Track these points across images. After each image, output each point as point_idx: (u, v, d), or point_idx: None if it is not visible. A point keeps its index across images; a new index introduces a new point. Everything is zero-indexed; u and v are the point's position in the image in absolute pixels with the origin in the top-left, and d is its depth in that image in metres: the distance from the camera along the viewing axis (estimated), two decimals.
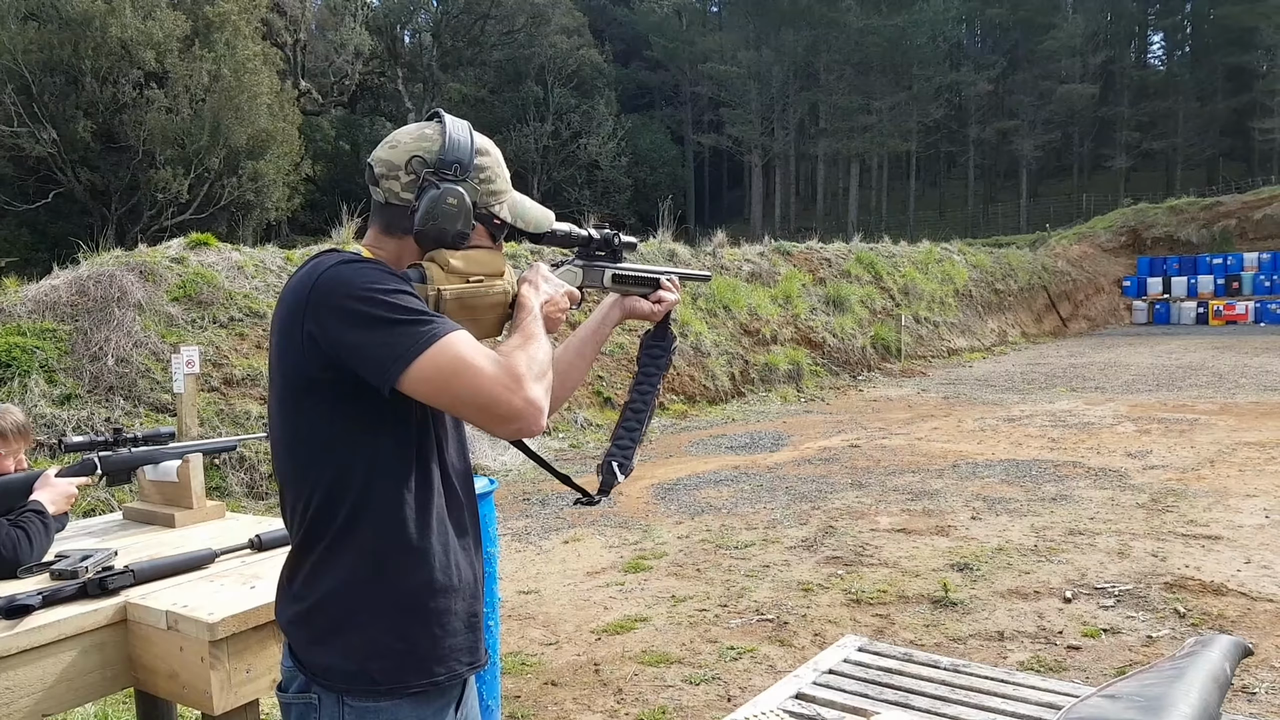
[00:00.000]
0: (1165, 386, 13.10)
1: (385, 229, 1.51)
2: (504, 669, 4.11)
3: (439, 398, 1.35)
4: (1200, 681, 1.67)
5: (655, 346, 1.84)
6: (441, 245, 1.47)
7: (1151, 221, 29.25)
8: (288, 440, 1.45)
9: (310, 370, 1.37)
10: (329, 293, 1.34)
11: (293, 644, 1.47)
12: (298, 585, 1.46)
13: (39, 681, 1.97)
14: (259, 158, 24.20)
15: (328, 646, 1.42)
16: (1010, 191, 52.83)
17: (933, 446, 9.22)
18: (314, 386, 1.38)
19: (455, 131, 1.50)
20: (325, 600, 1.42)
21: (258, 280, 9.38)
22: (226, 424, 7.65)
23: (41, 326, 7.65)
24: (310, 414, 1.41)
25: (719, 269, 15.21)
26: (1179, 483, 7.22)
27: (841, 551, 5.81)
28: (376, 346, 1.32)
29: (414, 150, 1.48)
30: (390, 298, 1.33)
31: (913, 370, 16.21)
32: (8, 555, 2.26)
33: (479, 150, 1.52)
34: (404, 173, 1.47)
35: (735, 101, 51.31)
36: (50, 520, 2.44)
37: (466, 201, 1.47)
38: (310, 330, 1.35)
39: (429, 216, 1.45)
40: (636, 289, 1.79)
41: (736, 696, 3.82)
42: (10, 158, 22.01)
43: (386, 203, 1.49)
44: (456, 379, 1.33)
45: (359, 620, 1.41)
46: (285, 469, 1.47)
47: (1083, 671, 3.93)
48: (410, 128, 1.52)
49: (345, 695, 1.40)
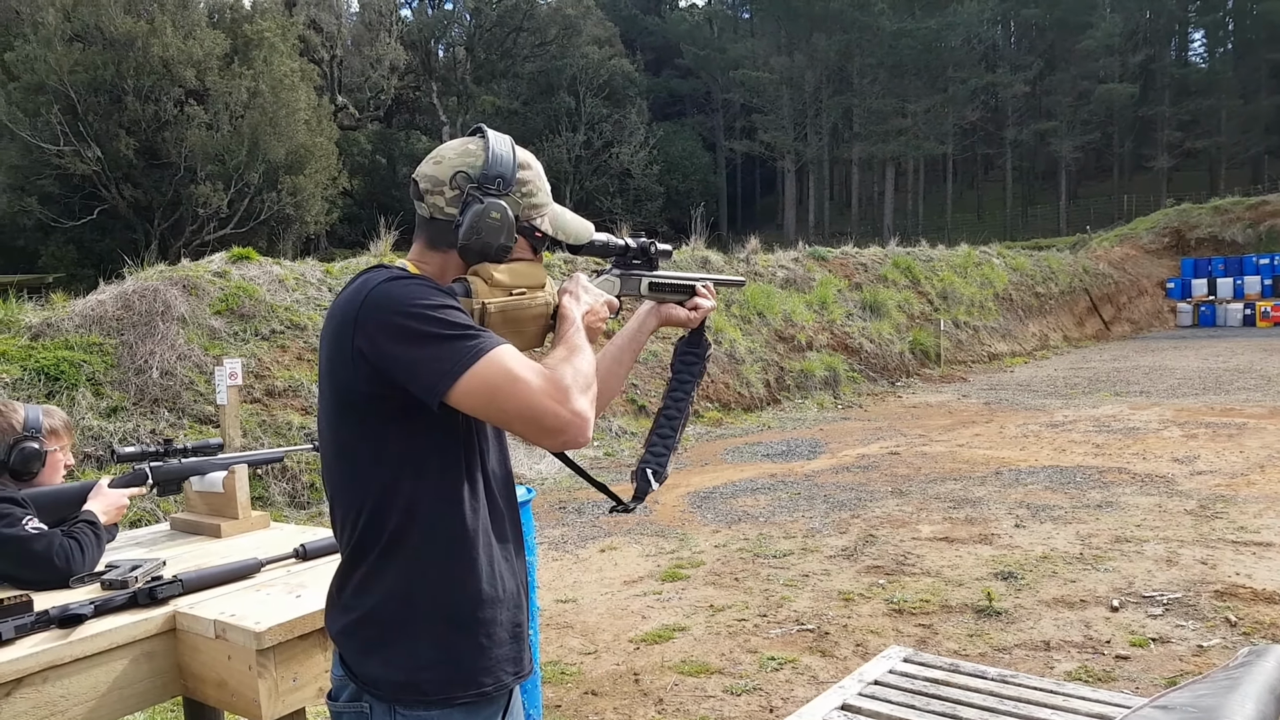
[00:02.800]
0: (1212, 390, 12.84)
1: (430, 244, 1.53)
2: (544, 678, 4.11)
3: (487, 410, 1.36)
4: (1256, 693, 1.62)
5: (690, 353, 1.84)
6: (485, 259, 1.49)
7: (1195, 222, 28.73)
8: (337, 454, 1.47)
9: (360, 385, 1.39)
10: (378, 309, 1.36)
11: (343, 654, 1.48)
12: (347, 596, 1.48)
13: (92, 690, 2.00)
14: (297, 172, 24.57)
15: (377, 657, 1.44)
16: (1049, 193, 52.19)
17: (974, 453, 9.11)
18: (363, 401, 1.41)
19: (498, 146, 1.52)
20: (374, 611, 1.44)
21: (298, 293, 9.50)
22: (269, 435, 7.75)
23: (88, 340, 7.80)
24: (360, 428, 1.43)
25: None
26: (1228, 489, 7.07)
27: (882, 560, 5.75)
28: (426, 362, 1.34)
29: (458, 165, 1.50)
30: (438, 313, 1.35)
31: (952, 376, 16.04)
32: (60, 565, 2.30)
33: (521, 164, 1.54)
34: (449, 188, 1.49)
35: (767, 107, 51.22)
36: (102, 530, 2.48)
37: (509, 216, 1.49)
38: (360, 346, 1.37)
39: (473, 231, 1.47)
40: (672, 296, 1.79)
41: (779, 707, 3.80)
42: (57, 176, 22.53)
43: (431, 218, 1.51)
44: (504, 392, 1.34)
45: (408, 631, 1.43)
46: (335, 481, 1.49)
47: (1132, 682, 3.86)
48: (454, 143, 1.54)
49: (396, 705, 1.42)
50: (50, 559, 2.30)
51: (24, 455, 2.49)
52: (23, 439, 2.51)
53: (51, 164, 22.21)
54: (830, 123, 52.44)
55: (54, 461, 2.59)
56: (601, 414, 1.60)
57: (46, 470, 2.56)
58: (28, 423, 2.53)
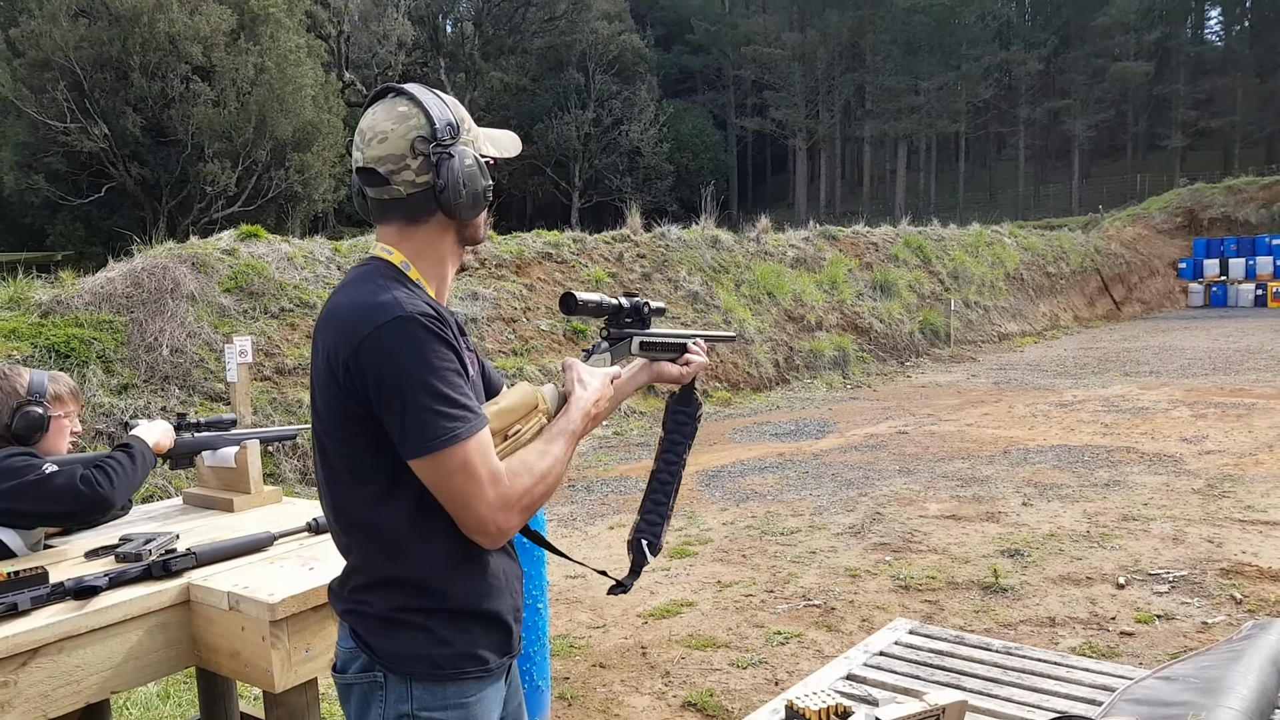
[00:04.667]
0: (1222, 370, 12.80)
1: (409, 220, 1.50)
2: (553, 651, 4.15)
3: (434, 488, 1.39)
4: (1258, 665, 1.64)
5: (682, 412, 1.81)
6: (475, 210, 1.50)
7: (1208, 201, 28.50)
8: (336, 455, 1.46)
9: (354, 406, 1.40)
10: (381, 352, 1.36)
11: (357, 630, 1.50)
12: (352, 594, 1.50)
13: (107, 660, 2.03)
14: (305, 150, 24.53)
15: (393, 636, 1.47)
16: (1062, 173, 51.85)
17: (983, 433, 9.12)
18: (358, 415, 1.40)
19: (426, 98, 1.49)
20: (385, 612, 1.46)
21: (307, 271, 9.52)
22: (279, 412, 7.79)
23: (99, 318, 7.84)
24: (358, 432, 1.42)
25: (763, 255, 15.13)
26: (1236, 468, 7.07)
27: (889, 538, 5.78)
28: (406, 424, 1.36)
29: (408, 133, 1.47)
30: (433, 380, 1.35)
31: (962, 356, 16.01)
32: (87, 493, 2.31)
33: (450, 104, 1.53)
34: (412, 158, 1.46)
35: (779, 84, 50.90)
36: (141, 455, 2.49)
37: (475, 155, 1.50)
38: (354, 371, 1.37)
39: (459, 184, 1.46)
40: (664, 355, 1.78)
41: (784, 680, 3.83)
42: (64, 153, 22.53)
43: (408, 195, 1.48)
44: (453, 485, 1.37)
45: (421, 619, 1.46)
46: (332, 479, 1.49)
47: (1136, 657, 3.88)
48: (381, 116, 1.49)
49: (411, 678, 1.46)
50: (74, 489, 2.31)
51: (27, 420, 2.46)
52: (26, 403, 2.47)
53: (58, 141, 22.20)
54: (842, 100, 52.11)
55: (59, 428, 2.56)
56: None
57: (51, 436, 2.53)
58: (32, 387, 2.50)
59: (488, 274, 11.07)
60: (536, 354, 10.26)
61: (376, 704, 1.47)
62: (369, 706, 1.48)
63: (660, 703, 3.72)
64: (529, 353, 10.24)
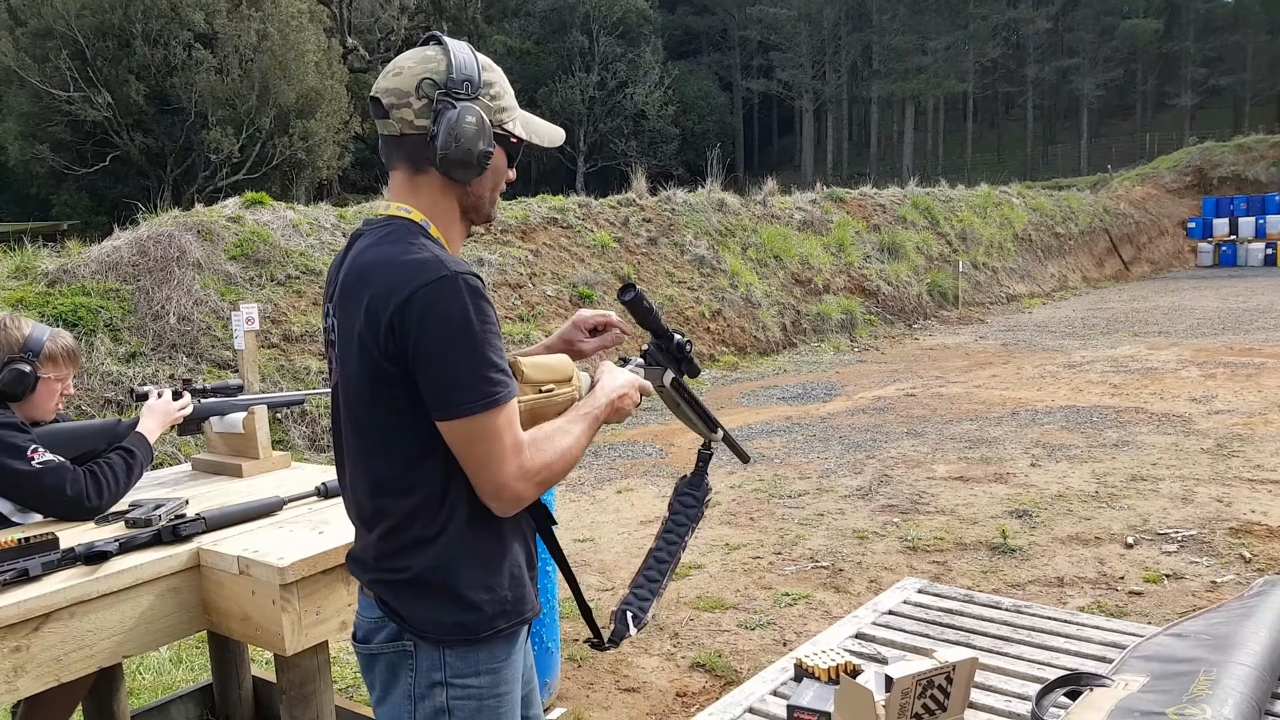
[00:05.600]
0: (1231, 330, 12.73)
1: (413, 167, 1.47)
2: (562, 613, 4.18)
3: (458, 451, 1.39)
4: (1270, 621, 1.63)
5: (690, 495, 1.78)
6: (467, 170, 1.45)
7: (1218, 160, 28.19)
8: (369, 421, 1.43)
9: (390, 366, 1.37)
10: (429, 311, 1.34)
11: (385, 599, 1.48)
12: (381, 562, 1.48)
13: (118, 625, 2.04)
14: (309, 116, 24.37)
15: (424, 604, 1.46)
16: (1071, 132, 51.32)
17: (991, 394, 9.10)
18: (396, 378, 1.38)
19: (459, 50, 1.45)
20: (417, 577, 1.45)
21: (312, 238, 9.49)
22: (287, 379, 7.80)
23: (105, 287, 7.84)
24: (390, 398, 1.40)
25: (770, 218, 15.04)
26: (1245, 428, 7.05)
27: (897, 500, 5.78)
28: (444, 384, 1.35)
29: (421, 74, 1.43)
30: (479, 343, 1.35)
31: (970, 317, 15.95)
32: (74, 499, 2.29)
33: (484, 67, 1.48)
34: (415, 98, 1.42)
35: (785, 45, 50.33)
36: (138, 459, 2.46)
37: (485, 120, 1.44)
38: (396, 328, 1.34)
39: (451, 138, 1.41)
40: (687, 407, 1.76)
41: (792, 641, 3.85)
42: (67, 123, 22.43)
43: (402, 135, 1.44)
44: (479, 450, 1.37)
45: (449, 585, 1.45)
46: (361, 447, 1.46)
47: (1145, 616, 3.88)
48: (411, 53, 1.47)
49: (444, 645, 1.45)
50: (60, 494, 2.28)
51: (12, 375, 2.37)
52: (17, 358, 2.39)
53: (62, 110, 22.10)
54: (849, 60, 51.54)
55: (48, 390, 2.46)
56: None
57: (39, 398, 2.44)
58: (29, 343, 2.42)
59: (493, 239, 11.03)
60: (543, 320, 10.24)
61: (406, 673, 1.47)
62: (397, 676, 1.47)
63: (669, 664, 3.75)
64: (535, 319, 10.22)
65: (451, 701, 1.45)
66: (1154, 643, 1.71)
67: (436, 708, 1.45)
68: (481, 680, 1.47)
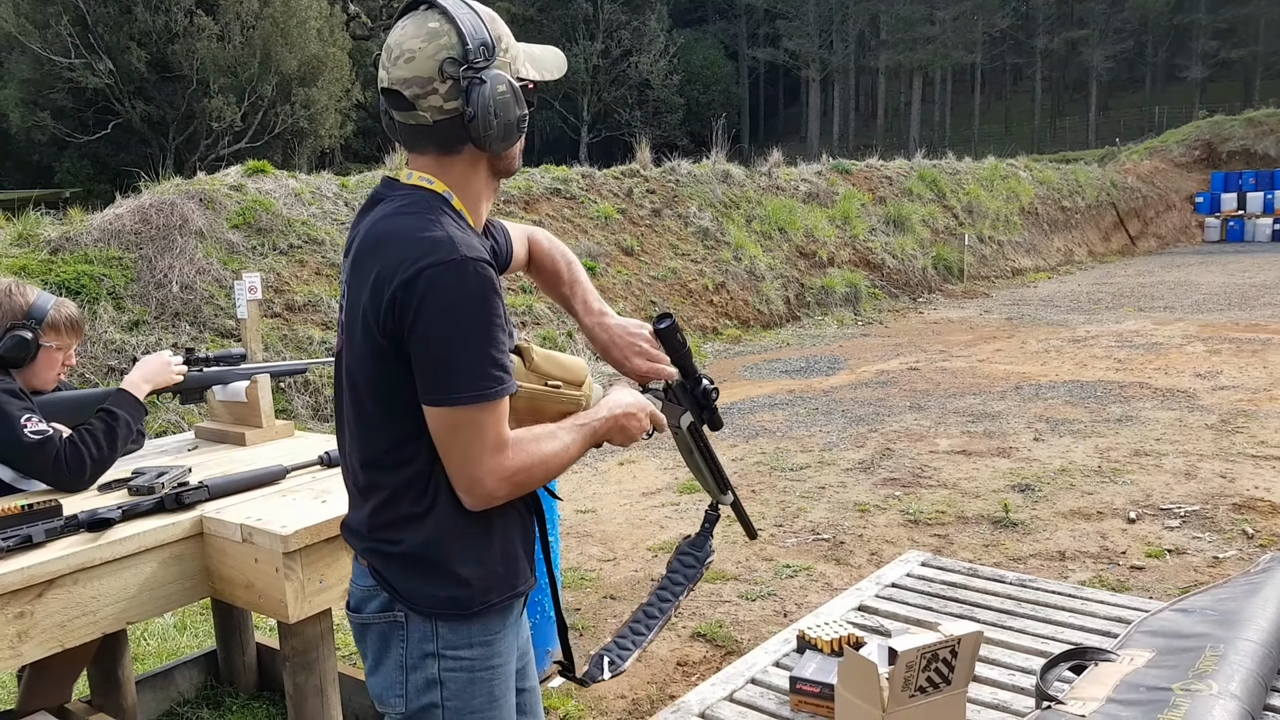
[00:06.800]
0: (1237, 306, 12.67)
1: (444, 149, 1.42)
2: (565, 583, 4.20)
3: (438, 440, 1.36)
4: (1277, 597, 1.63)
5: (691, 555, 1.72)
6: (508, 140, 1.41)
7: (1227, 134, 27.93)
8: (367, 392, 1.41)
9: (390, 342, 1.35)
10: (433, 293, 1.30)
11: (378, 569, 1.48)
12: (375, 533, 1.47)
13: (122, 591, 2.05)
14: (310, 84, 24.20)
15: (418, 576, 1.45)
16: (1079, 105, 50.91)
17: (994, 368, 9.08)
18: (390, 352, 1.36)
19: (460, 13, 1.37)
20: (410, 550, 1.44)
21: (314, 207, 9.45)
22: (290, 348, 7.80)
23: (108, 255, 7.81)
24: (388, 373, 1.38)
25: (774, 190, 14.95)
26: (1250, 404, 7.03)
27: (899, 473, 5.78)
28: (437, 368, 1.32)
29: (438, 55, 1.35)
30: (481, 336, 1.32)
31: (975, 291, 15.89)
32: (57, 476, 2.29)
33: (488, 20, 1.40)
34: (440, 82, 1.36)
35: (791, 13, 49.85)
36: (119, 419, 2.41)
37: (513, 81, 1.39)
38: (399, 303, 1.31)
39: (490, 114, 1.36)
40: (700, 459, 1.68)
41: (793, 612, 3.86)
42: (69, 90, 22.29)
43: (435, 123, 1.38)
44: (459, 442, 1.35)
45: (441, 559, 1.43)
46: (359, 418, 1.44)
47: (1146, 591, 3.89)
48: (410, 32, 1.38)
49: (437, 619, 1.45)
50: (48, 467, 2.27)
51: (13, 341, 2.35)
52: (19, 325, 2.38)
53: (63, 77, 21.95)
54: (857, 30, 51.03)
55: (49, 359, 2.45)
56: None
57: (39, 367, 2.43)
58: (33, 310, 2.41)
59: (495, 210, 10.97)
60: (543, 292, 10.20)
61: (398, 643, 1.46)
62: (389, 646, 1.47)
63: (669, 633, 3.76)
64: (536, 290, 10.15)
65: (444, 673, 1.45)
66: (1159, 618, 1.70)
67: (429, 679, 1.45)
68: (475, 652, 1.46)
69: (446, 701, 1.45)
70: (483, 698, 1.48)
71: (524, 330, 9.47)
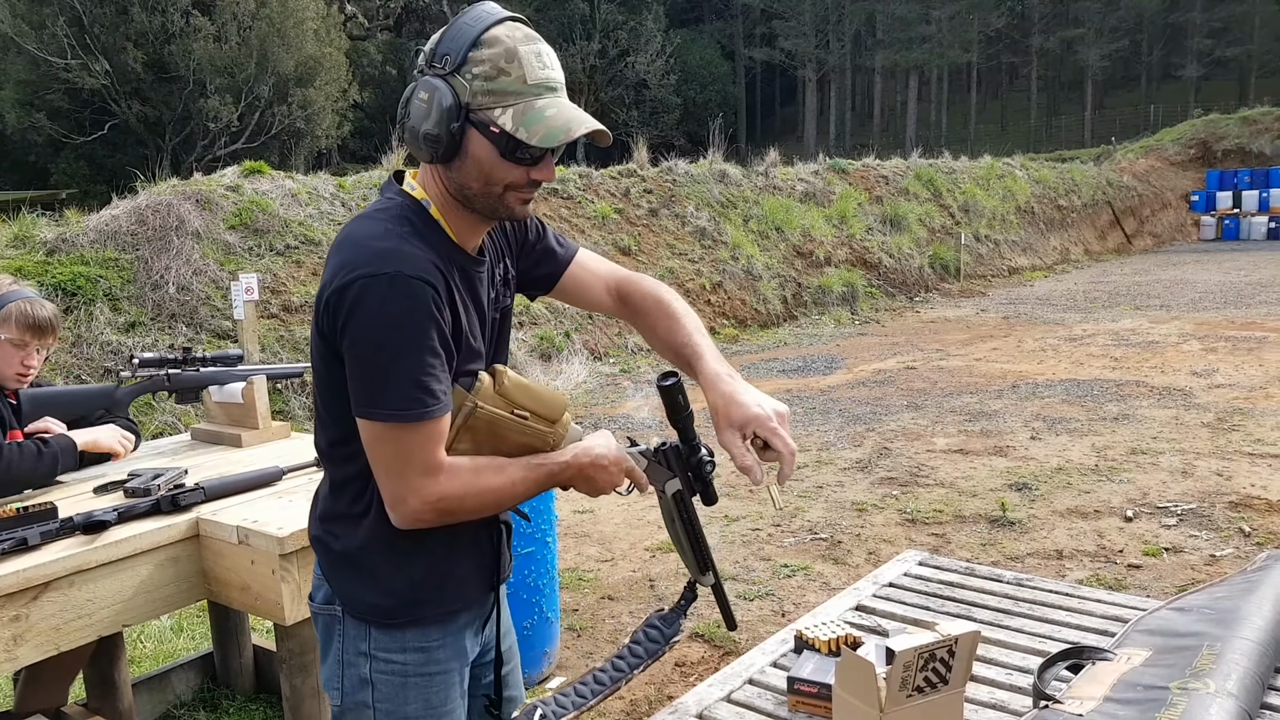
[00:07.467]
0: (1233, 304, 12.69)
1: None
2: (562, 584, 4.19)
3: (367, 446, 1.33)
4: (1274, 596, 1.63)
5: (657, 629, 1.57)
6: (418, 150, 1.34)
7: (1223, 133, 28.00)
8: (323, 382, 1.40)
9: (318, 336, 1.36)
10: (361, 304, 1.26)
11: (320, 560, 1.49)
12: (319, 523, 1.49)
13: (118, 593, 2.04)
14: (307, 85, 24.19)
15: (344, 577, 1.45)
16: (1075, 104, 50.93)
17: (991, 367, 9.08)
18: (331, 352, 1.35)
19: (462, 19, 1.31)
20: (344, 550, 1.44)
21: (311, 208, 9.44)
22: (287, 349, 7.79)
23: (104, 256, 7.80)
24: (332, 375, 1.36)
25: (771, 189, 14.95)
26: (1246, 402, 7.04)
27: (896, 472, 5.78)
28: (361, 381, 1.30)
29: (429, 44, 1.34)
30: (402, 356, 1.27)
31: (972, 290, 15.90)
32: None
33: (482, 42, 1.28)
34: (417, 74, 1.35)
35: (788, 13, 49.87)
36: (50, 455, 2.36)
37: (445, 99, 1.27)
38: (332, 308, 1.30)
39: (404, 114, 1.33)
40: (683, 532, 1.52)
41: (791, 612, 3.86)
42: (65, 90, 22.27)
43: None
44: (384, 454, 1.31)
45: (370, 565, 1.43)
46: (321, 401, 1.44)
47: (1144, 589, 3.89)
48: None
49: (369, 623, 1.44)
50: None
51: None
52: None
53: (59, 78, 21.93)
54: (853, 29, 51.07)
55: (3, 353, 2.39)
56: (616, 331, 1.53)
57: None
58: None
59: None
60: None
61: (337, 637, 1.47)
62: (331, 638, 1.48)
63: None
64: None
65: (375, 674, 1.44)
66: (1156, 617, 1.70)
67: (361, 678, 1.45)
68: (408, 658, 1.44)
69: (378, 703, 1.44)
70: (417, 704, 1.45)
71: (521, 330, 9.47)
